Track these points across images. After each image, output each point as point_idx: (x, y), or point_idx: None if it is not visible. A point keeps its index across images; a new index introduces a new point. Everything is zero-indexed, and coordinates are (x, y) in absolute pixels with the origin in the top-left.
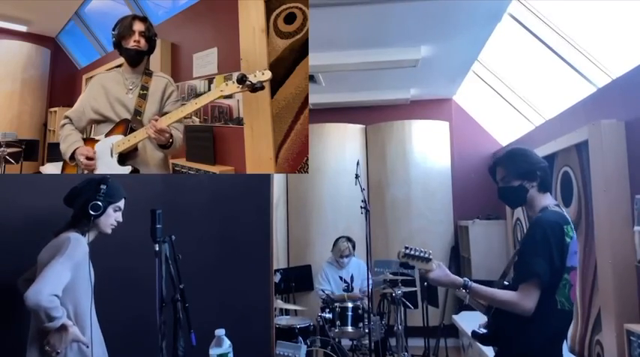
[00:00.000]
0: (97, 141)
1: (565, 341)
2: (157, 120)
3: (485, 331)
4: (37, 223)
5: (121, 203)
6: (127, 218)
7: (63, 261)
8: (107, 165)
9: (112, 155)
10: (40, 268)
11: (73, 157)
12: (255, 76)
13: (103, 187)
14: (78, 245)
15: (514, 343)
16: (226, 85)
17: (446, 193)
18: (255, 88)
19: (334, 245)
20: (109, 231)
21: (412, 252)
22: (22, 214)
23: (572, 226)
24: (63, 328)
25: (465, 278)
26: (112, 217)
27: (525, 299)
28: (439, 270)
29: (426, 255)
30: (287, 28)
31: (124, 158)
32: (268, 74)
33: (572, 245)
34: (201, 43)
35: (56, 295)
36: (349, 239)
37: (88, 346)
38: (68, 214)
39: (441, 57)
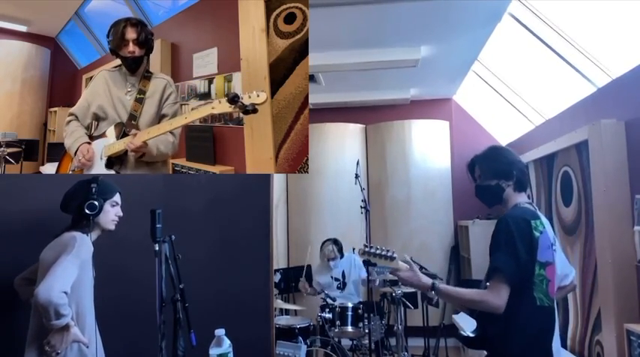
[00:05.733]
0: (96, 139)
1: (556, 339)
2: (135, 135)
3: (471, 334)
4: (36, 223)
5: (117, 198)
6: (127, 218)
7: (71, 259)
8: (96, 166)
9: (101, 157)
10: (44, 267)
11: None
12: (249, 96)
13: (94, 185)
14: (84, 244)
15: (499, 345)
16: (219, 102)
17: (446, 193)
18: (246, 110)
19: (320, 249)
20: (112, 227)
21: (372, 250)
22: (21, 214)
23: (543, 221)
24: (65, 327)
25: (435, 280)
26: (111, 213)
27: (492, 296)
28: (409, 271)
29: (389, 253)
30: (287, 28)
31: (112, 162)
32: (263, 97)
33: (543, 239)
34: (201, 43)
35: (65, 293)
36: (335, 242)
37: (88, 347)
38: (65, 214)
39: (441, 57)
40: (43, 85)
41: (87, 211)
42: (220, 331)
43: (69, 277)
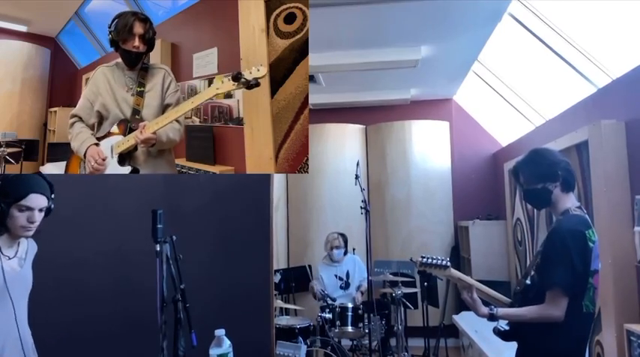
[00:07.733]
0: (102, 140)
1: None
2: (144, 126)
3: (506, 327)
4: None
5: (30, 201)
6: (128, 218)
7: None
8: (109, 165)
9: (112, 156)
10: None
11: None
12: (250, 72)
13: None
14: None
15: (538, 344)
16: (222, 82)
17: (446, 193)
18: (250, 85)
19: (325, 240)
20: (25, 233)
21: (428, 260)
22: None
23: (594, 230)
24: None
25: (490, 307)
26: (19, 219)
27: (552, 309)
28: (470, 299)
29: (443, 262)
30: (287, 28)
31: (124, 158)
32: (264, 71)
33: (594, 249)
34: (201, 43)
35: None
36: (340, 234)
37: None
38: (66, 214)
39: (441, 57)
40: (43, 85)
41: None
42: (220, 331)
43: None
